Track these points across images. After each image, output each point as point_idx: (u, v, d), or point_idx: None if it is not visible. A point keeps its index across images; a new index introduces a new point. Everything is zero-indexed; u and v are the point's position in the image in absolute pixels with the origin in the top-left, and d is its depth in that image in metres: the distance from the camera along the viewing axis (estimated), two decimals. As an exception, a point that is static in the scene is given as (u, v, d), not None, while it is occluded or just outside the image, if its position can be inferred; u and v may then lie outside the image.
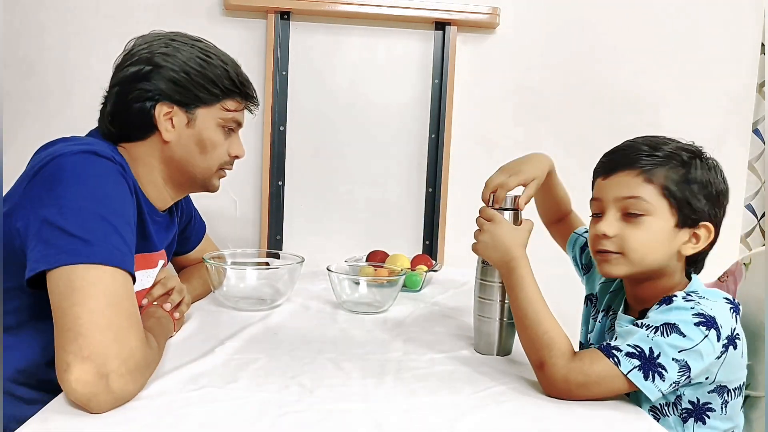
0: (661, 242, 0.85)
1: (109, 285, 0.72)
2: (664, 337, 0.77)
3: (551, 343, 0.83)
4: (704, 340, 0.77)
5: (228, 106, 1.00)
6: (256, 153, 1.69)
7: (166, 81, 0.93)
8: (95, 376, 0.67)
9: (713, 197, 0.86)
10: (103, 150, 0.82)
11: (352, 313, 1.19)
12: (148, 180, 0.98)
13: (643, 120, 1.74)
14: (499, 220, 0.94)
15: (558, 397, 0.81)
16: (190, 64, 0.94)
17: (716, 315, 0.79)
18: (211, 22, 1.63)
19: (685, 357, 0.77)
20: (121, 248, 0.76)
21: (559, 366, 0.80)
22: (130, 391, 0.71)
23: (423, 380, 0.86)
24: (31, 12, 1.60)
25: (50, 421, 0.67)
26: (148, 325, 0.87)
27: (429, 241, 1.74)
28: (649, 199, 0.84)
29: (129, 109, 0.93)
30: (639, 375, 0.77)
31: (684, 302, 0.81)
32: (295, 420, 0.71)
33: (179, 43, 0.95)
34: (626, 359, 0.78)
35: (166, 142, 0.95)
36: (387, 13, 1.63)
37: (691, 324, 0.78)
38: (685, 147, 0.88)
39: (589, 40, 1.74)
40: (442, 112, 1.69)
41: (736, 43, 1.77)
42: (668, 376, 0.76)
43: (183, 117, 0.96)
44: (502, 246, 0.92)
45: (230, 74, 0.99)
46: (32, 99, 1.61)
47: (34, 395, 0.82)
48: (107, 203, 0.77)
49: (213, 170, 1.03)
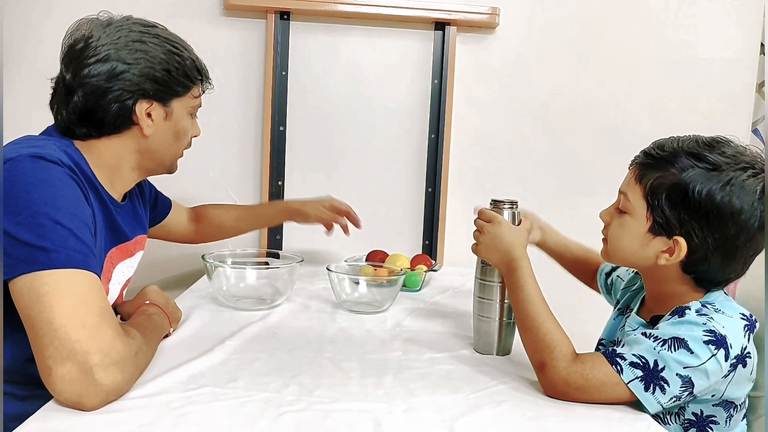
0: (631, 243, 0.85)
1: (73, 286, 0.72)
2: (671, 351, 0.75)
3: (552, 344, 0.82)
4: (711, 359, 0.75)
5: (195, 93, 1.02)
6: (256, 153, 1.69)
7: (144, 78, 0.92)
8: (79, 373, 0.67)
9: (703, 215, 0.78)
10: (51, 153, 0.81)
11: (352, 312, 1.19)
12: (115, 171, 0.96)
13: (642, 120, 1.74)
14: (499, 220, 0.94)
15: (557, 398, 0.80)
16: (168, 62, 0.94)
17: (728, 334, 0.76)
18: (211, 22, 1.63)
19: (690, 374, 0.75)
20: (81, 249, 0.75)
21: (560, 368, 0.79)
22: (119, 383, 0.71)
23: (422, 380, 0.86)
24: (28, 11, 1.60)
25: (50, 420, 0.67)
26: (137, 321, 0.87)
27: (429, 241, 1.74)
28: (632, 199, 0.85)
29: (106, 108, 0.91)
30: (640, 386, 0.76)
31: (696, 316, 0.78)
32: (295, 419, 0.71)
33: (147, 37, 0.93)
34: (629, 368, 0.76)
35: (145, 136, 0.95)
36: (387, 13, 1.63)
37: (700, 341, 0.75)
38: (691, 144, 0.81)
39: (589, 40, 1.74)
40: (441, 112, 1.69)
41: (736, 43, 1.77)
42: (669, 390, 0.75)
43: (161, 111, 0.96)
44: (503, 246, 0.92)
45: (196, 64, 1.00)
46: (32, 99, 1.61)
47: (24, 392, 0.82)
48: (61, 207, 0.77)
49: (180, 154, 1.05)
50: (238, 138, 1.69)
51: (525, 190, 1.76)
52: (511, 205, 0.97)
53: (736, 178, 0.77)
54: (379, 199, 1.74)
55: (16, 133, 0.90)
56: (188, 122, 1.02)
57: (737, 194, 0.77)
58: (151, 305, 0.95)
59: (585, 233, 1.15)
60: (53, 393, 0.69)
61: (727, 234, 0.78)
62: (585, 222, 1.14)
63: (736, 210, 0.77)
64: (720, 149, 0.80)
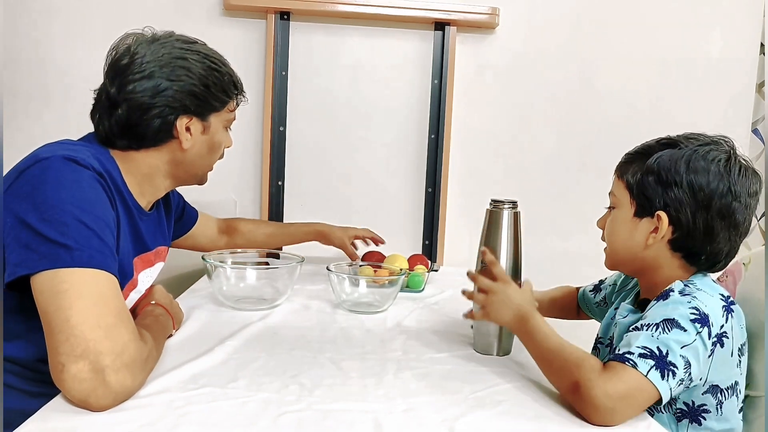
0: (622, 231, 0.91)
1: (93, 286, 0.73)
2: (666, 333, 0.76)
3: (579, 361, 0.77)
4: (697, 337, 0.77)
5: (231, 107, 1.05)
6: (256, 153, 1.69)
7: (186, 95, 0.95)
8: (90, 372, 0.68)
9: (675, 185, 0.84)
10: (85, 158, 0.83)
11: (352, 312, 1.19)
12: (147, 180, 0.98)
13: (642, 120, 1.74)
14: (508, 279, 0.92)
15: (603, 421, 0.73)
16: (207, 78, 0.97)
17: (710, 312, 0.79)
18: (211, 22, 1.63)
19: (686, 353, 0.76)
20: (102, 250, 0.76)
21: (594, 380, 0.74)
22: (128, 386, 0.71)
23: (422, 380, 0.86)
24: (30, 12, 1.60)
25: (51, 420, 0.67)
26: (146, 323, 0.88)
27: (429, 241, 1.74)
28: (617, 192, 0.92)
29: (148, 122, 0.94)
30: (657, 375, 0.74)
31: (680, 296, 0.81)
32: (295, 419, 0.71)
33: (189, 53, 0.96)
34: (642, 361, 0.74)
35: (184, 149, 0.98)
36: (386, 13, 1.63)
37: (688, 319, 0.78)
38: (665, 139, 0.89)
39: (588, 41, 1.74)
40: (441, 112, 1.69)
41: (735, 43, 1.77)
42: (678, 373, 0.75)
43: (199, 126, 0.99)
44: (515, 303, 0.90)
45: (233, 79, 1.03)
46: (32, 99, 1.61)
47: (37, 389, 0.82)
48: (86, 208, 0.78)
49: (211, 167, 1.08)
50: (238, 138, 1.67)
51: (525, 190, 1.77)
52: (512, 206, 0.97)
53: (699, 149, 0.85)
54: (379, 199, 1.74)
55: (16, 133, 0.90)
56: (223, 135, 1.05)
57: (701, 162, 0.84)
58: (157, 306, 0.96)
59: (585, 233, 1.15)
60: (63, 390, 0.69)
61: (701, 202, 0.84)
62: (585, 222, 1.14)
63: (703, 176, 0.84)
64: (688, 136, 0.89)
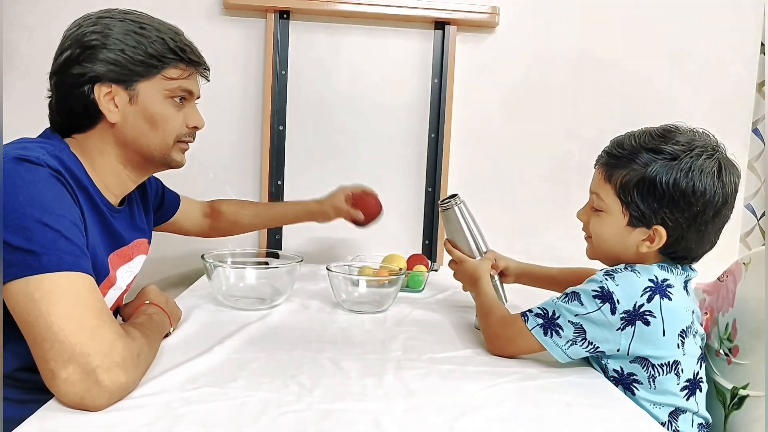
0: (612, 237, 0.93)
1: (68, 289, 0.71)
2: (565, 303, 0.89)
3: (497, 311, 1.02)
4: (596, 311, 0.86)
5: (170, 74, 0.93)
6: (255, 153, 1.69)
7: (100, 61, 0.88)
8: (82, 374, 0.67)
9: (669, 200, 0.86)
10: (38, 156, 0.79)
11: (352, 312, 1.19)
12: (107, 169, 0.94)
13: (642, 119, 1.74)
14: (464, 258, 1.18)
15: (492, 349, 0.98)
16: (125, 41, 0.90)
17: (615, 291, 0.86)
18: (211, 21, 1.63)
19: (580, 321, 0.87)
20: (71, 251, 0.74)
21: (496, 323, 0.99)
22: (122, 383, 0.70)
23: (422, 380, 0.85)
24: (27, 11, 1.59)
25: (49, 420, 0.67)
26: (138, 322, 0.86)
27: (428, 241, 1.74)
28: (605, 198, 0.93)
29: (69, 96, 0.89)
30: (540, 331, 0.90)
31: (601, 276, 0.89)
32: (295, 419, 0.71)
33: (109, 19, 0.91)
34: (533, 318, 0.92)
35: (113, 124, 0.91)
36: (387, 13, 1.63)
37: (590, 295, 0.87)
38: (648, 137, 0.89)
39: (589, 40, 1.74)
40: (441, 111, 1.69)
41: (736, 43, 1.77)
42: (564, 334, 0.88)
43: (124, 95, 0.90)
44: (469, 272, 1.16)
45: (167, 43, 0.92)
46: (32, 99, 1.61)
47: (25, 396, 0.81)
48: (47, 208, 0.75)
49: (170, 145, 0.96)
50: (237, 137, 1.69)
51: (525, 190, 1.77)
52: (456, 200, 1.17)
53: (694, 163, 0.86)
54: (379, 198, 1.74)
55: (14, 134, 0.90)
56: (165, 107, 0.94)
57: (698, 177, 0.86)
58: (151, 305, 0.95)
59: (585, 233, 1.14)
60: (57, 395, 0.69)
61: (697, 212, 0.87)
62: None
63: (700, 191, 0.86)
64: (674, 138, 0.88)
